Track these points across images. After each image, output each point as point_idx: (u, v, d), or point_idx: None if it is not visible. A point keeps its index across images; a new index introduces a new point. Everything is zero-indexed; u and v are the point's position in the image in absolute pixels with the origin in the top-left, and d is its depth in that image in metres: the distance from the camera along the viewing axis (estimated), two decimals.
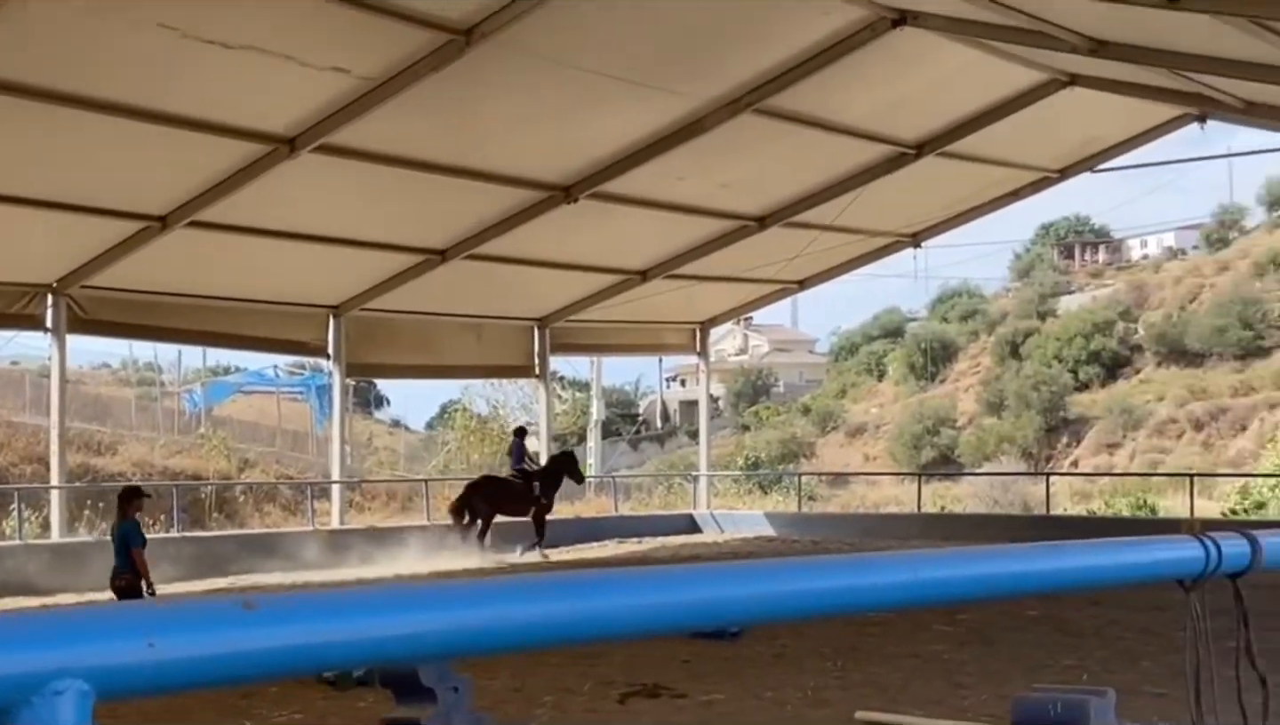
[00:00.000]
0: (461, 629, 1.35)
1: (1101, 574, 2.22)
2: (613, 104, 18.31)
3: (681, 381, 76.35)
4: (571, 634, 1.49)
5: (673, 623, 1.51)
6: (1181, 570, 2.29)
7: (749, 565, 1.57)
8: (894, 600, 1.73)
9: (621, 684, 10.01)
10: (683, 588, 1.47)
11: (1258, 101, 18.27)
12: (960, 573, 1.81)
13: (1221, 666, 2.64)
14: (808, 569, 1.62)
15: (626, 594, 1.47)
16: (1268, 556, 2.42)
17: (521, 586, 1.49)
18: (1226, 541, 2.34)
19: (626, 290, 26.00)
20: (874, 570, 1.70)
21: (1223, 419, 54.99)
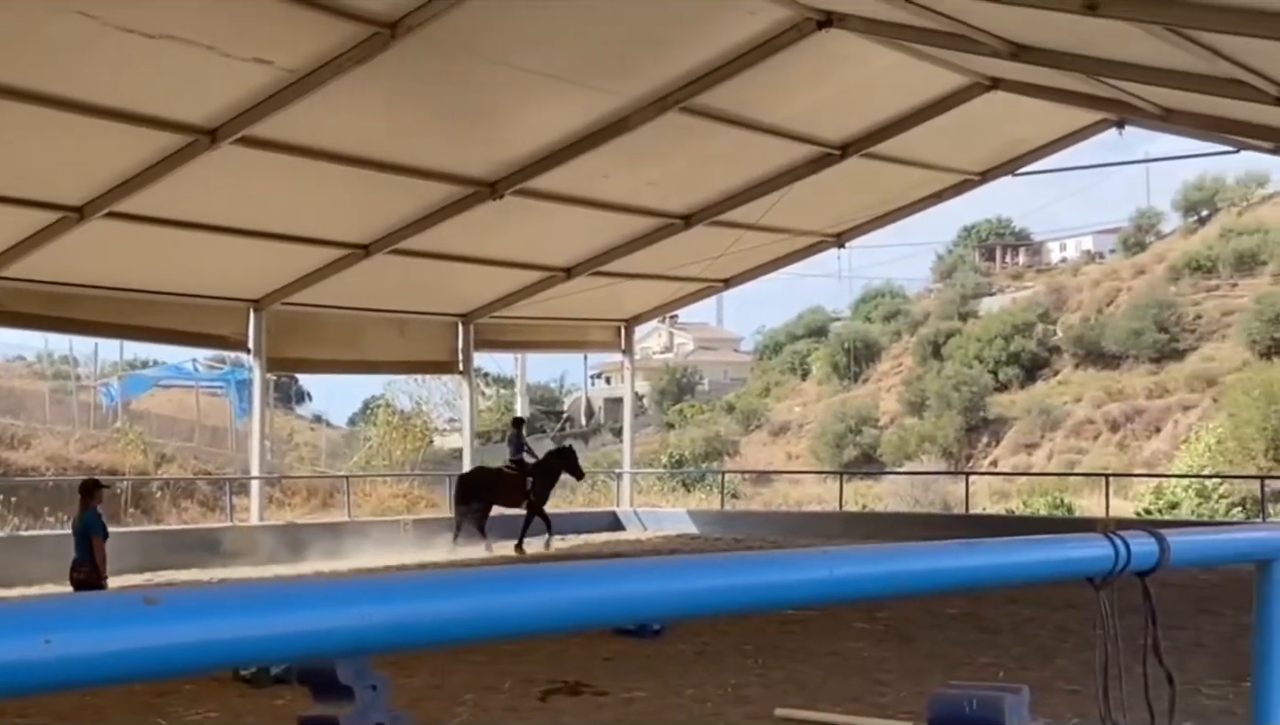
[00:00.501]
0: (371, 625, 1.33)
1: (1014, 572, 2.24)
2: (539, 100, 18.27)
3: (606, 379, 76.44)
4: (486, 630, 1.48)
5: (589, 618, 1.50)
6: (1091, 568, 2.32)
7: (664, 561, 1.57)
8: (810, 597, 1.74)
9: (543, 682, 9.99)
10: (599, 583, 1.46)
11: (1175, 108, 18.57)
12: (875, 570, 1.82)
13: (1132, 663, 2.68)
14: (724, 565, 1.62)
15: (542, 589, 1.46)
16: (1175, 556, 2.46)
17: (434, 582, 1.47)
18: (1135, 541, 2.37)
19: (551, 287, 25.96)
20: (790, 567, 1.70)
21: (1138, 420, 55.93)
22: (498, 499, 23.38)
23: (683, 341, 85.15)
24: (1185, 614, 13.30)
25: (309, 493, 34.79)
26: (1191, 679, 9.32)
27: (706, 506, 33.68)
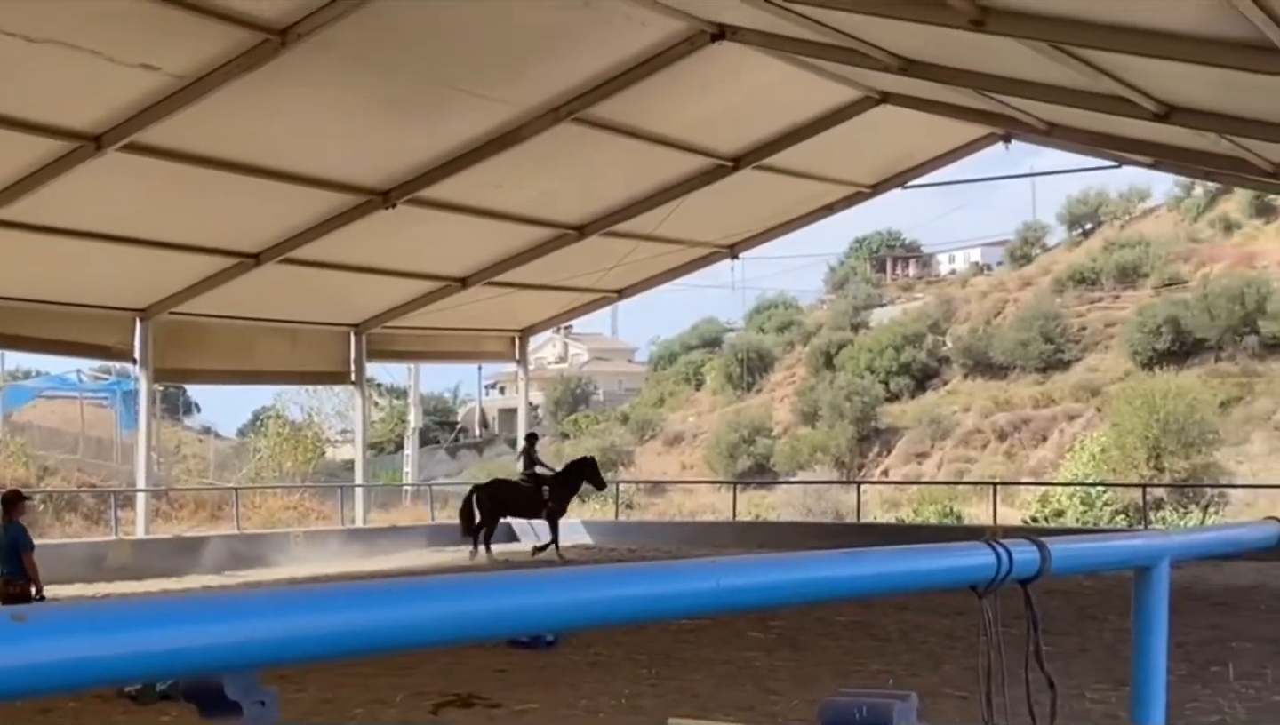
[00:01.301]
0: (251, 640, 1.31)
1: (899, 580, 2.27)
2: (432, 109, 18.16)
3: (501, 389, 76.10)
4: (372, 643, 1.46)
5: (474, 630, 1.49)
6: (975, 576, 2.36)
7: (551, 574, 1.56)
8: (697, 608, 1.74)
9: (435, 694, 9.91)
10: (484, 596, 1.45)
11: (1059, 123, 18.97)
12: (761, 580, 1.83)
13: (1017, 669, 2.72)
14: (610, 577, 1.62)
15: (429, 602, 1.45)
16: (1055, 563, 2.51)
17: (318, 595, 1.45)
18: (1017, 549, 2.41)
19: (445, 297, 25.81)
20: (677, 578, 1.70)
21: (1025, 429, 56.94)
22: (512, 511, 23.61)
23: (577, 352, 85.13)
24: (1070, 620, 13.57)
25: (197, 505, 34.17)
26: (1076, 684, 9.51)
27: (601, 517, 33.65)
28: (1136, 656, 2.91)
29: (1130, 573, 3.01)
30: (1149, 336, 56.11)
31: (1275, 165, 17.68)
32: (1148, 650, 2.89)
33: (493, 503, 23.46)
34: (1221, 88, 13.49)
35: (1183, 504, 39.37)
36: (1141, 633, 2.89)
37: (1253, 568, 18.51)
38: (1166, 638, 2.97)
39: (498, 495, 23.67)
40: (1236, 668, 10.57)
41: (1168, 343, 55.64)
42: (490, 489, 24.18)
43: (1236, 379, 53.09)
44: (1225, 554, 3.85)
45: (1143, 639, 2.89)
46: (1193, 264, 61.89)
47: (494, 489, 24.17)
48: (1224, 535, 4.13)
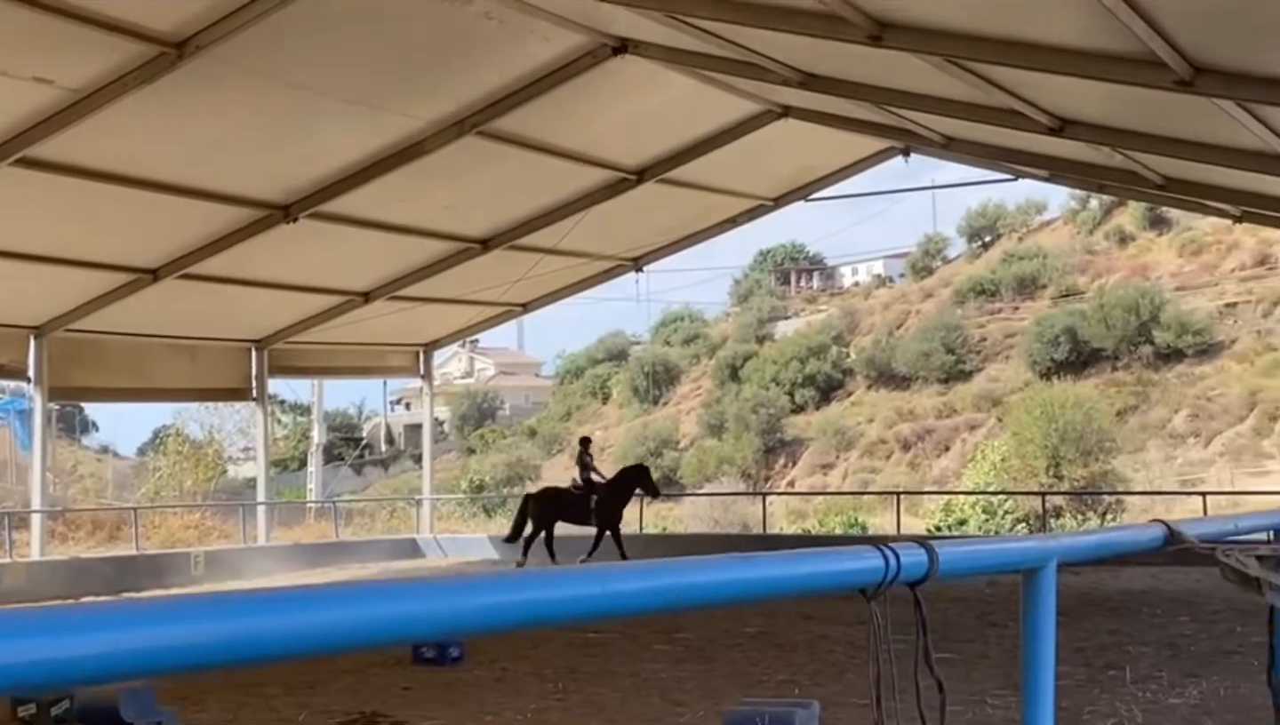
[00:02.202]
0: (116, 651, 1.28)
1: (786, 584, 2.28)
2: (333, 123, 18.00)
3: (406, 404, 75.59)
4: (243, 653, 1.44)
5: (351, 639, 1.47)
6: (862, 580, 2.38)
7: (432, 581, 1.55)
8: (581, 613, 1.73)
9: (339, 713, 9.80)
10: (365, 603, 1.44)
11: (956, 137, 19.27)
12: (645, 585, 1.83)
13: (914, 673, 2.75)
14: (493, 585, 1.61)
15: (298, 611, 1.43)
16: (944, 566, 2.54)
17: (178, 606, 1.42)
18: (905, 552, 2.43)
19: (348, 311, 25.57)
20: (561, 584, 1.70)
21: (928, 439, 57.69)
22: (562, 517, 23.45)
23: (483, 366, 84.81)
24: (972, 627, 13.75)
25: (95, 526, 33.48)
26: (977, 689, 9.64)
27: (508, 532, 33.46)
28: (1026, 657, 2.95)
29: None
30: (1047, 347, 57.14)
31: (1165, 178, 18.09)
32: (1037, 650, 2.93)
33: (543, 510, 23.44)
34: (1112, 102, 13.78)
35: (1081, 511, 40.09)
36: (1030, 633, 2.93)
37: (1149, 573, 18.90)
38: (1055, 638, 3.02)
39: (549, 503, 23.68)
40: (1133, 671, 10.76)
41: (1065, 353, 56.72)
42: (541, 497, 24.22)
43: (1132, 388, 54.25)
44: (1111, 555, 3.93)
45: (1032, 639, 2.93)
46: (1089, 275, 63.18)
47: (545, 497, 24.21)
48: (1110, 538, 4.21)
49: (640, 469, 24.84)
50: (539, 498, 24.29)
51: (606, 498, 23.44)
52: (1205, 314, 56.72)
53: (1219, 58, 11.03)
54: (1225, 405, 51.90)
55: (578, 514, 23.56)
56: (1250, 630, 11.14)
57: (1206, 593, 15.96)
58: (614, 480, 24.04)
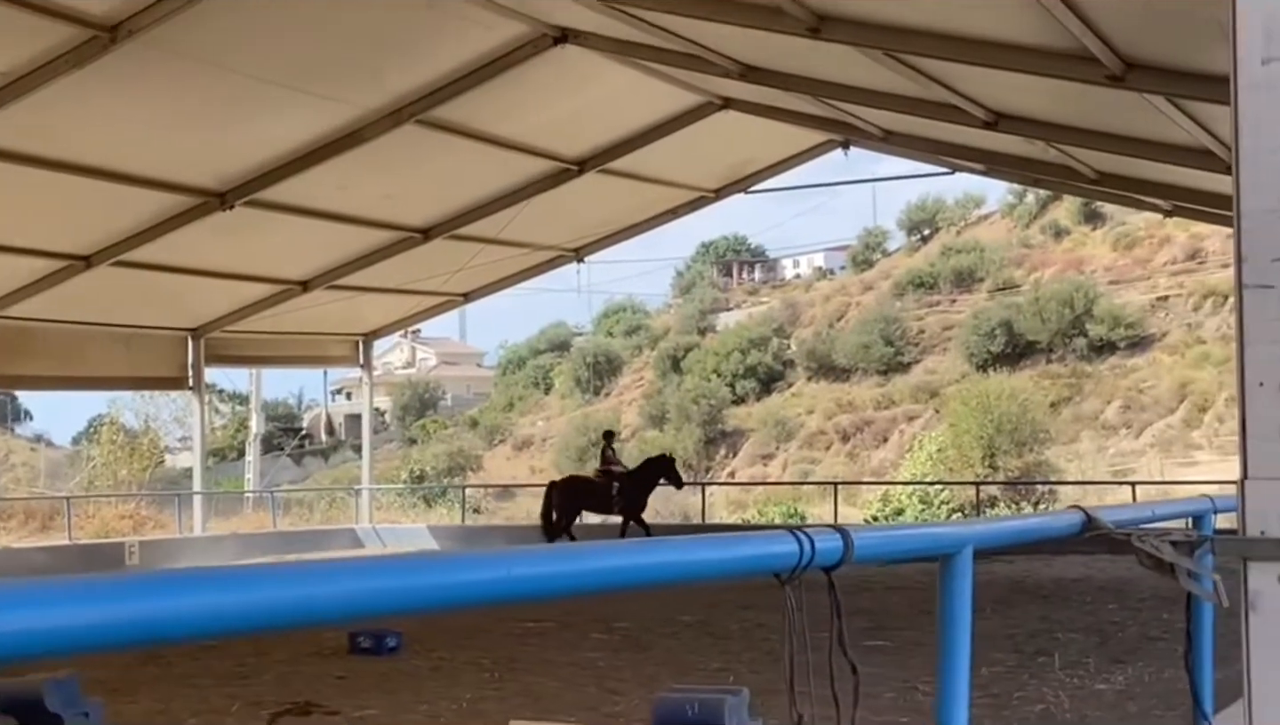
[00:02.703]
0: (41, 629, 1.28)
1: (700, 568, 2.31)
2: (271, 109, 17.85)
3: (347, 395, 75.12)
4: (151, 633, 1.44)
5: (258, 621, 1.48)
6: (777, 564, 2.40)
7: (336, 563, 1.56)
8: (489, 596, 1.75)
9: (272, 703, 9.73)
10: (268, 585, 1.44)
11: (894, 130, 19.42)
12: (555, 569, 1.85)
13: (840, 658, 2.78)
14: (400, 567, 1.62)
15: (210, 591, 1.44)
16: (860, 552, 2.57)
17: (111, 584, 1.43)
18: (820, 537, 2.46)
19: (287, 300, 25.37)
20: (468, 568, 1.71)
21: (867, 431, 58.07)
22: (586, 505, 23.43)
23: (425, 356, 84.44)
24: (907, 614, 13.86)
25: (27, 515, 33.08)
26: (909, 676, 9.73)
27: (448, 522, 33.42)
28: (942, 642, 3.00)
29: (985, 567, 3.09)
30: (984, 339, 57.66)
31: (1099, 173, 18.32)
32: (953, 634, 2.98)
33: (565, 499, 23.32)
34: (1046, 97, 13.95)
35: (1015, 501, 40.51)
36: (946, 618, 2.98)
37: (1080, 562, 19.14)
38: (971, 623, 3.07)
39: (571, 492, 23.62)
40: (1062, 657, 10.90)
41: (1001, 345, 57.26)
42: (564, 485, 24.13)
43: (1066, 380, 54.88)
44: (1028, 542, 3.99)
45: (947, 624, 2.98)
46: (1025, 269, 63.81)
47: (568, 485, 24.13)
48: (1027, 524, 4.27)
49: (664, 459, 24.51)
50: (563, 486, 24.18)
51: (630, 487, 23.34)
52: (1138, 307, 57.48)
53: (1150, 54, 11.19)
54: (1156, 397, 52.62)
55: (601, 503, 23.52)
56: (1175, 617, 11.30)
57: (1136, 580, 16.18)
58: (638, 470, 23.98)
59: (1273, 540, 2.89)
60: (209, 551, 24.49)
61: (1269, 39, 2.86)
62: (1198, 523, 5.10)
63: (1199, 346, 53.82)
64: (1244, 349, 2.91)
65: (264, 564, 1.57)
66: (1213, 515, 5.10)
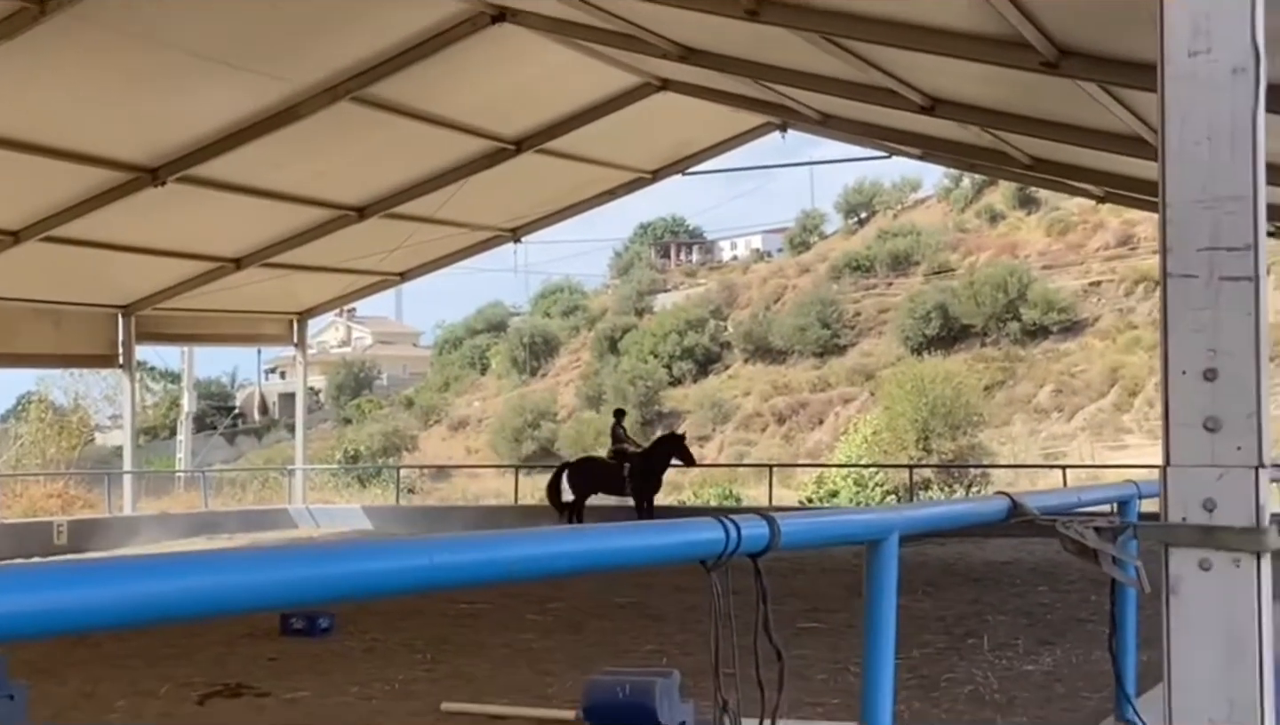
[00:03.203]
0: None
1: (625, 556, 2.30)
2: (204, 85, 17.60)
3: (281, 373, 74.55)
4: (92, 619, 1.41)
5: (170, 610, 1.45)
6: (703, 551, 2.41)
7: (253, 551, 1.54)
8: (411, 584, 1.73)
9: (202, 685, 9.67)
10: (184, 573, 1.42)
11: (832, 114, 19.48)
12: (477, 557, 1.83)
13: (782, 642, 2.79)
14: (319, 555, 1.60)
15: (132, 580, 1.41)
16: (786, 538, 2.58)
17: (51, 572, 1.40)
18: (747, 524, 2.47)
19: (220, 278, 25.09)
20: (389, 555, 1.70)
21: (802, 413, 58.42)
22: (598, 487, 22.85)
23: (361, 335, 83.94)
24: (841, 598, 13.96)
25: None
26: (841, 659, 9.80)
27: (382, 502, 33.28)
28: (868, 626, 3.02)
29: (916, 552, 3.11)
30: (919, 322, 58.14)
31: (1033, 158, 18.48)
32: (878, 619, 3.00)
33: (579, 480, 22.90)
34: (981, 82, 14.04)
35: (948, 484, 40.91)
36: (872, 604, 3.00)
37: (1012, 545, 19.35)
38: (896, 607, 3.09)
39: (584, 473, 23.15)
40: (991, 639, 11.04)
41: (936, 329, 57.77)
42: (577, 467, 23.69)
43: (1000, 364, 55.46)
44: (954, 527, 4.03)
45: (873, 609, 3.00)
46: (960, 253, 64.38)
47: (580, 466, 23.68)
48: (953, 510, 4.31)
49: (675, 438, 23.95)
50: (575, 467, 23.78)
51: (641, 468, 22.78)
52: (1070, 292, 58.17)
53: (1083, 41, 11.29)
54: (1088, 381, 53.30)
55: (613, 484, 22.97)
56: (1103, 600, 11.43)
57: (1065, 564, 16.38)
58: (649, 450, 23.49)
59: (1193, 527, 2.92)
60: (139, 531, 24.22)
61: (1196, 31, 2.89)
62: (1122, 508, 5.17)
63: (1130, 331, 54.55)
64: (1167, 337, 2.95)
65: (172, 553, 1.54)
66: (1137, 501, 5.17)
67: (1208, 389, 2.89)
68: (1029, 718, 8.03)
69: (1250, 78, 2.86)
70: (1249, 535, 2.87)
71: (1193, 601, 2.95)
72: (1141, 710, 5.38)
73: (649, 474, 22.84)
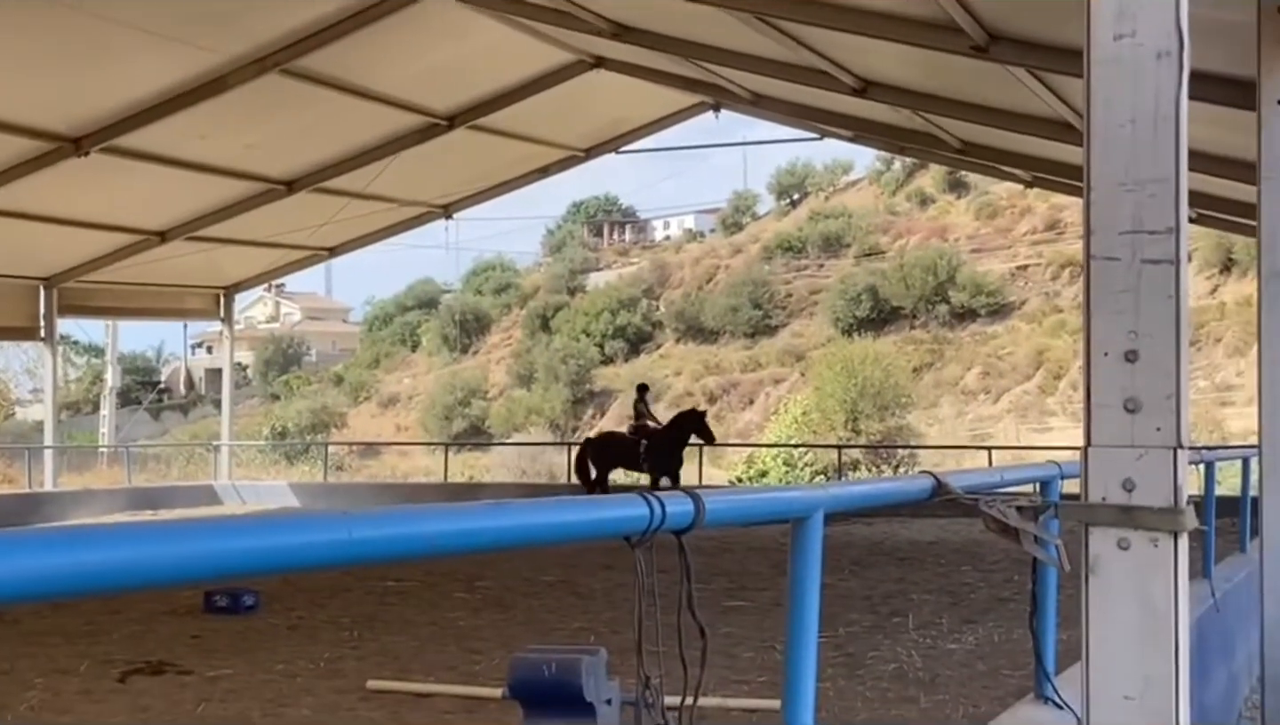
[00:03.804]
0: None
1: (548, 532, 2.29)
2: (130, 54, 17.30)
3: (208, 348, 73.70)
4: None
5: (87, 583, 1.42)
6: (627, 528, 2.40)
7: (170, 524, 1.51)
8: (329, 559, 1.70)
9: (122, 663, 9.55)
10: (91, 547, 1.39)
11: (765, 94, 19.51)
12: (397, 531, 1.81)
13: (710, 621, 2.79)
14: (234, 529, 1.58)
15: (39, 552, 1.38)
16: (711, 515, 2.58)
17: None
18: (671, 500, 2.47)
19: (145, 251, 24.74)
20: (307, 529, 1.67)
21: (734, 393, 58.61)
22: (618, 462, 22.19)
23: (290, 311, 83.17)
24: (768, 575, 14.05)
25: None
26: (767, 636, 9.87)
27: (310, 478, 33.03)
28: (792, 603, 3.03)
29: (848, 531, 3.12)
30: (850, 304, 58.50)
31: (963, 142, 18.62)
32: (803, 597, 3.01)
33: (599, 456, 22.32)
34: (912, 65, 14.12)
35: (877, 464, 41.26)
36: (796, 581, 3.01)
37: (938, 524, 19.57)
38: (820, 585, 3.10)
39: (604, 448, 22.61)
40: (916, 618, 11.15)
41: (867, 310, 58.17)
42: (598, 442, 23.20)
43: (929, 346, 55.96)
44: (880, 506, 4.06)
45: (797, 587, 3.01)
46: (891, 235, 64.81)
47: (601, 442, 23.22)
48: (878, 488, 4.34)
49: (695, 414, 22.82)
50: (596, 443, 23.31)
51: (659, 444, 21.97)
52: (998, 276, 58.77)
53: (1014, 26, 11.38)
54: (1014, 364, 53.92)
55: (630, 460, 22.20)
56: (1025, 579, 11.60)
57: (989, 543, 16.59)
58: (666, 427, 22.55)
59: (1113, 506, 2.96)
60: (60, 507, 23.88)
61: (1122, 15, 2.92)
62: (1044, 488, 5.23)
63: (1056, 315, 55.22)
64: (1090, 319, 2.98)
65: (87, 525, 1.51)
66: (1059, 481, 5.24)
67: (1128, 370, 2.93)
68: (951, 695, 8.12)
69: (1174, 62, 2.89)
70: (1167, 515, 2.92)
71: (1111, 580, 2.99)
72: (1061, 687, 5.46)
73: (666, 451, 21.89)
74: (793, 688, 3.06)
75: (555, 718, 3.42)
